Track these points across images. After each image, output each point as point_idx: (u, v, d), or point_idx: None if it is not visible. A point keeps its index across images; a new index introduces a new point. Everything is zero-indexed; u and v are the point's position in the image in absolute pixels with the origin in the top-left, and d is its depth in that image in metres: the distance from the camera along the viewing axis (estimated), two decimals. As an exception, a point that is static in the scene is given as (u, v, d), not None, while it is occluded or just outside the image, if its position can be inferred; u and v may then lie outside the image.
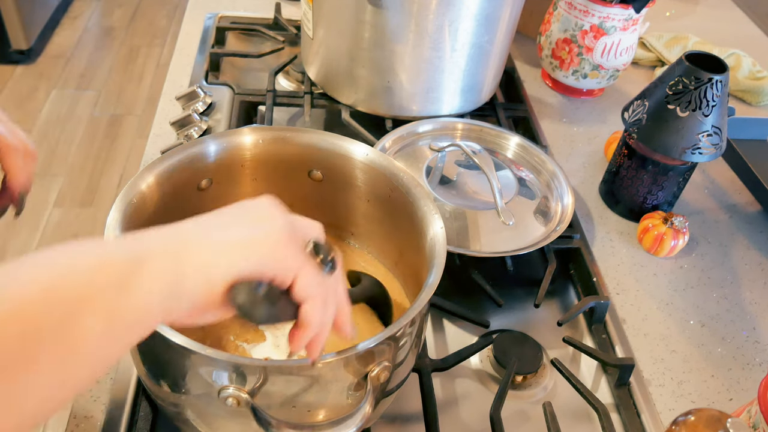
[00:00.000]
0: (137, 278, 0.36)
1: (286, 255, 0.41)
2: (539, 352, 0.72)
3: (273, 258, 0.41)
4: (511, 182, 0.84)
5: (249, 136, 0.65)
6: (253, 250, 0.41)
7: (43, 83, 2.65)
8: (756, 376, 0.74)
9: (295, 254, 0.42)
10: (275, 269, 0.41)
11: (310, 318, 0.43)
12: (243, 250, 0.40)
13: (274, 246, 0.41)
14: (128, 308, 0.35)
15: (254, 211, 0.43)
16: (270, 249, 0.41)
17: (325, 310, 0.44)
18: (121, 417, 0.61)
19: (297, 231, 0.44)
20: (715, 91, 0.79)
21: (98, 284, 0.35)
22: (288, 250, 0.42)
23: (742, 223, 0.94)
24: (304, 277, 0.42)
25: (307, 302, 0.43)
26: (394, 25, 0.86)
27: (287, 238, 0.42)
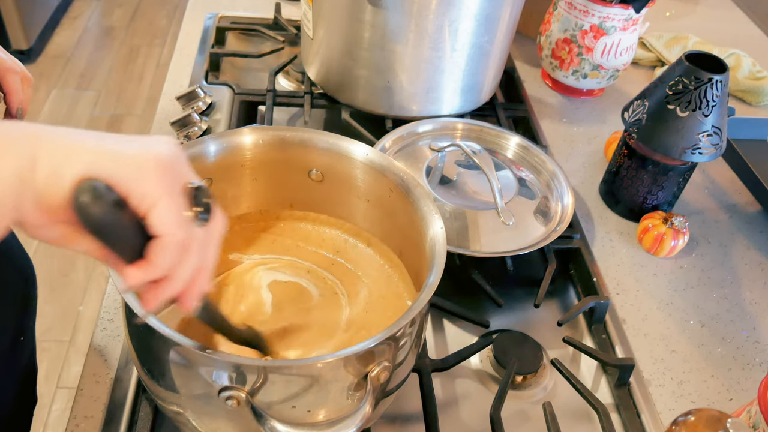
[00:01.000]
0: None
1: (150, 177, 0.37)
2: (539, 352, 0.72)
3: (133, 174, 0.37)
4: (511, 182, 0.84)
5: (249, 136, 0.65)
6: (115, 159, 0.37)
7: (43, 83, 2.65)
8: (756, 376, 0.74)
9: (162, 182, 0.38)
10: (131, 186, 0.37)
11: (155, 255, 0.38)
12: (104, 156, 0.37)
13: (141, 165, 0.37)
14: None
15: (147, 138, 0.40)
16: (135, 165, 0.37)
17: (181, 258, 0.39)
18: (121, 417, 0.61)
19: (179, 166, 0.40)
20: (715, 91, 0.79)
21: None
22: (156, 173, 0.38)
23: (742, 223, 0.94)
24: (164, 207, 0.38)
25: (160, 238, 0.38)
26: (394, 25, 0.86)
27: (162, 166, 0.38)
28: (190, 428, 0.54)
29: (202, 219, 0.41)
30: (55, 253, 2.00)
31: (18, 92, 0.71)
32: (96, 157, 0.37)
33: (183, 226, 0.39)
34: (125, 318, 0.55)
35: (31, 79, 0.73)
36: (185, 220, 0.39)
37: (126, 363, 0.66)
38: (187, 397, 0.51)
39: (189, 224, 0.40)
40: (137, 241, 0.38)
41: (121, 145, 0.38)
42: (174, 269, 0.40)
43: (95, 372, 0.65)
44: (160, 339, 0.48)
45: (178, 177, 0.40)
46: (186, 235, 0.39)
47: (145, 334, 0.51)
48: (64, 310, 1.87)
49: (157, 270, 0.39)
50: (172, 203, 0.38)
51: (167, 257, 0.39)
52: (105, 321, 0.70)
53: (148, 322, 0.47)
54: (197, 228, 0.40)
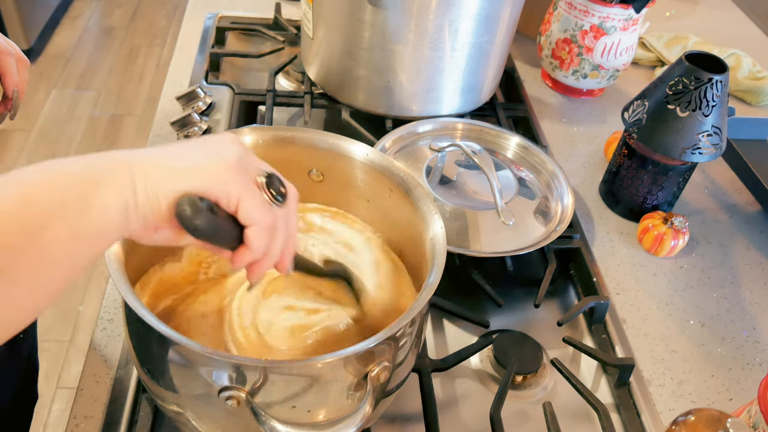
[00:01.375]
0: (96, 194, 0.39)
1: (230, 180, 0.44)
2: (539, 352, 0.72)
3: (215, 180, 0.43)
4: (511, 182, 0.84)
5: (249, 136, 0.65)
6: (196, 172, 0.43)
7: (43, 83, 2.65)
8: (756, 376, 0.74)
9: (240, 181, 0.44)
10: (218, 192, 0.43)
11: (251, 240, 0.46)
12: (186, 172, 0.43)
13: (220, 171, 0.44)
14: (89, 222, 0.39)
15: (209, 142, 0.46)
16: (215, 173, 0.43)
17: (272, 238, 0.47)
18: (121, 417, 0.61)
19: (248, 163, 0.46)
20: (715, 91, 0.79)
21: (64, 200, 0.38)
22: (233, 176, 0.44)
23: (742, 223, 0.94)
24: (248, 201, 0.44)
25: (251, 227, 0.45)
26: (394, 25, 0.86)
27: (235, 166, 0.44)
28: (190, 428, 0.54)
29: (279, 201, 0.47)
30: (55, 253, 2.00)
31: (14, 74, 0.72)
32: (181, 174, 0.43)
33: (266, 213, 0.46)
34: (125, 318, 0.55)
35: (27, 61, 0.75)
36: (267, 207, 0.46)
37: (126, 363, 0.66)
38: (187, 397, 0.51)
39: (270, 209, 0.46)
40: (234, 233, 0.46)
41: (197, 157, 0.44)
42: (269, 248, 0.47)
43: (95, 372, 0.65)
44: (160, 339, 0.48)
45: (250, 171, 0.46)
46: (271, 219, 0.46)
47: (145, 334, 0.51)
48: (64, 310, 1.87)
49: (255, 253, 0.46)
50: (252, 196, 0.45)
51: (262, 240, 0.46)
52: (105, 321, 0.70)
53: (146, 321, 0.47)
54: (277, 209, 0.47)
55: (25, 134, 2.35)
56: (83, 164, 0.40)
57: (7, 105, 0.74)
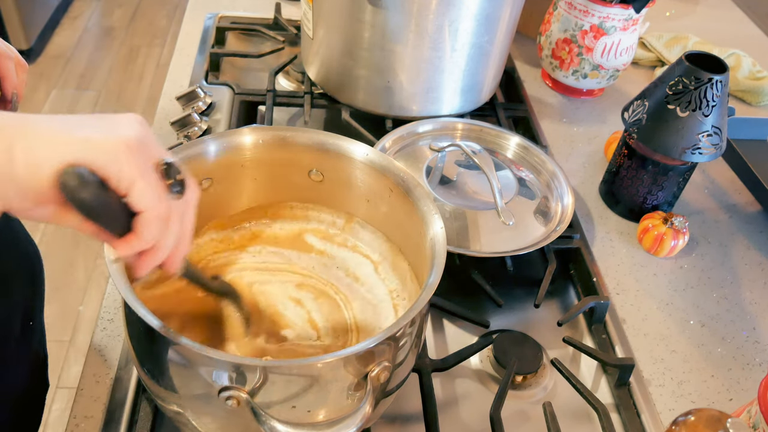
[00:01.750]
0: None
1: (125, 159, 0.40)
2: (539, 352, 0.72)
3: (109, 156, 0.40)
4: (511, 182, 0.84)
5: (249, 136, 0.65)
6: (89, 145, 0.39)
7: (43, 83, 2.65)
8: (756, 376, 0.74)
9: (136, 162, 0.41)
10: (109, 169, 0.40)
11: (141, 227, 0.42)
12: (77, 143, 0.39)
13: (115, 148, 0.40)
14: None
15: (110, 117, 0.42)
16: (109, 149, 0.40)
17: (164, 229, 0.44)
18: (121, 417, 0.61)
19: (148, 146, 0.43)
20: (715, 91, 0.79)
21: None
22: (130, 155, 0.40)
23: (742, 223, 0.94)
24: (142, 185, 0.41)
25: (143, 213, 0.42)
26: (394, 25, 0.86)
27: (133, 146, 0.41)
28: (190, 428, 0.54)
29: (176, 192, 0.44)
30: (55, 253, 2.00)
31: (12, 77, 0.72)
32: (70, 146, 0.39)
33: (161, 201, 0.42)
34: (125, 318, 0.55)
35: (26, 65, 0.74)
36: (162, 195, 0.43)
37: (126, 363, 0.66)
38: (187, 397, 0.51)
39: (166, 198, 0.43)
40: (123, 217, 0.42)
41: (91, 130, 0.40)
42: (159, 240, 0.44)
43: (95, 372, 0.65)
44: (160, 339, 0.48)
45: (149, 155, 0.43)
46: (165, 208, 0.43)
47: (145, 334, 0.51)
48: (64, 310, 1.87)
49: (143, 242, 0.43)
50: (148, 181, 0.41)
51: (152, 230, 0.43)
52: (105, 321, 0.70)
53: (146, 321, 0.47)
54: (174, 200, 0.44)
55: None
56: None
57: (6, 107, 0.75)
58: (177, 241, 0.46)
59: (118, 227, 0.42)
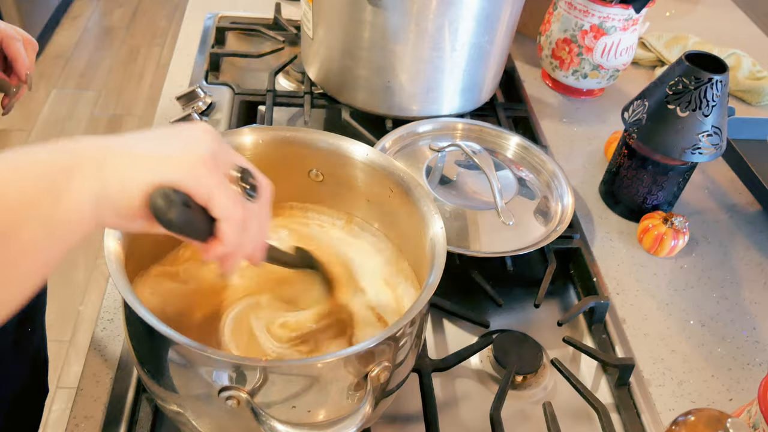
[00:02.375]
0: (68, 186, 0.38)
1: (202, 173, 0.43)
2: (539, 352, 0.72)
3: (188, 174, 0.42)
4: (511, 182, 0.84)
5: (249, 136, 0.65)
6: (170, 165, 0.42)
7: (43, 83, 2.65)
8: (756, 376, 0.74)
9: (213, 174, 0.44)
10: (190, 185, 0.42)
11: (223, 234, 0.45)
12: (159, 164, 0.42)
13: (193, 163, 0.43)
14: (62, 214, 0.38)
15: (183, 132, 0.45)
16: (187, 165, 0.43)
17: (244, 232, 0.46)
18: (121, 417, 0.61)
19: (222, 155, 0.45)
20: (715, 91, 0.79)
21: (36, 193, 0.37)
22: (205, 169, 0.43)
23: (742, 223, 0.94)
24: (220, 196, 0.44)
25: (223, 220, 0.45)
26: (394, 25, 0.86)
27: (208, 159, 0.43)
28: (190, 428, 0.54)
29: (251, 195, 0.47)
30: (55, 253, 2.00)
31: (23, 58, 0.73)
32: (155, 165, 0.42)
33: (238, 207, 0.45)
34: (125, 318, 0.55)
35: (35, 43, 0.75)
36: (239, 201, 0.46)
37: (126, 363, 0.66)
38: (187, 397, 0.51)
39: (242, 203, 0.46)
40: (207, 225, 0.45)
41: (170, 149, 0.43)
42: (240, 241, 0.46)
43: (95, 372, 0.65)
44: (160, 339, 0.48)
45: (224, 164, 0.45)
46: (242, 213, 0.46)
47: (145, 334, 0.51)
48: (64, 310, 1.87)
49: (227, 246, 0.46)
50: (224, 190, 0.44)
51: (233, 234, 0.45)
52: (105, 321, 0.70)
53: (146, 321, 0.47)
54: (249, 203, 0.47)
55: (25, 134, 2.35)
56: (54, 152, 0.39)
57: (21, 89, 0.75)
58: (256, 237, 0.48)
59: (202, 235, 0.45)
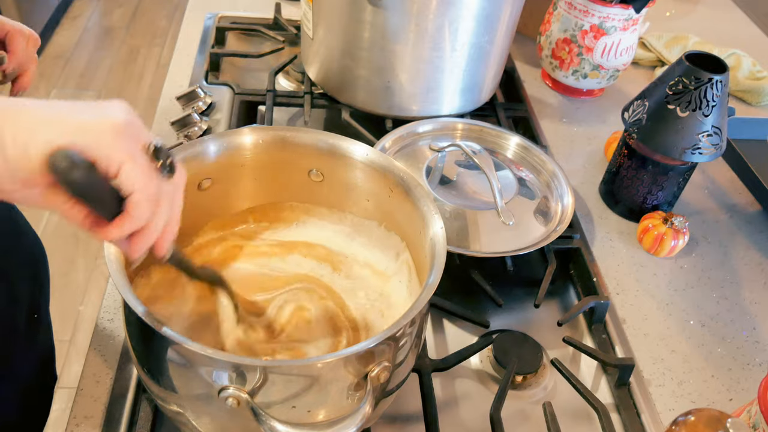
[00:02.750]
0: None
1: (113, 143, 0.40)
2: (539, 352, 0.72)
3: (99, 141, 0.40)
4: (511, 182, 0.84)
5: (249, 136, 0.65)
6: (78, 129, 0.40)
7: (43, 83, 2.65)
8: (756, 376, 0.74)
9: (125, 144, 0.41)
10: (99, 152, 0.40)
11: (133, 208, 0.42)
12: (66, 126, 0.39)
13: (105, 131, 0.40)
14: None
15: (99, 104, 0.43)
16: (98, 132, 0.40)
17: (156, 210, 0.44)
18: (121, 417, 0.61)
19: (136, 130, 0.43)
20: (715, 91, 0.79)
21: None
22: (118, 139, 0.41)
23: (742, 223, 0.94)
24: (131, 169, 0.41)
25: (136, 192, 0.42)
26: (394, 25, 0.86)
27: (122, 130, 0.41)
28: (190, 428, 0.54)
29: (167, 173, 0.44)
30: (55, 252, 2.00)
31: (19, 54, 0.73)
32: (59, 129, 0.39)
33: (151, 182, 0.43)
34: (125, 318, 0.55)
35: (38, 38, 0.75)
36: (152, 176, 0.43)
37: (126, 363, 0.66)
38: (187, 397, 0.51)
39: (156, 178, 0.43)
40: (113, 201, 0.42)
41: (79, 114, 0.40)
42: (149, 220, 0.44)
43: (95, 372, 0.65)
44: (160, 339, 0.48)
45: (137, 138, 0.43)
46: (155, 188, 0.43)
47: (145, 334, 0.51)
48: (64, 310, 1.86)
49: (134, 221, 0.43)
50: (137, 162, 0.42)
51: (142, 210, 0.43)
52: (105, 321, 0.70)
53: (146, 321, 0.47)
54: (163, 181, 0.44)
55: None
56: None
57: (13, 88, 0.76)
58: (167, 222, 0.46)
59: (107, 210, 0.43)
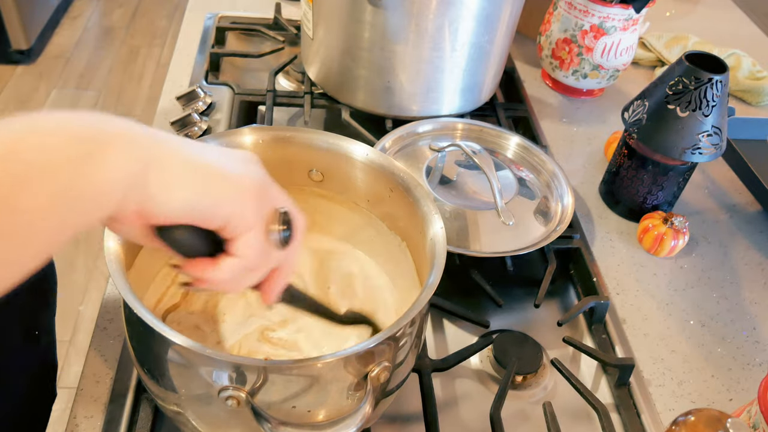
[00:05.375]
0: (105, 153, 0.33)
1: (245, 208, 0.39)
2: (539, 352, 0.72)
3: (231, 203, 0.38)
4: (511, 182, 0.84)
5: (249, 136, 0.65)
6: (217, 184, 0.38)
7: (43, 83, 2.65)
8: (756, 376, 0.74)
9: (256, 212, 0.39)
10: (226, 219, 0.38)
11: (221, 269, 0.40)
12: (207, 180, 0.37)
13: (241, 191, 0.39)
14: (89, 180, 0.33)
15: (238, 153, 0.41)
16: (234, 192, 0.38)
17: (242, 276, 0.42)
18: (121, 417, 0.61)
19: (270, 191, 0.41)
20: (715, 91, 0.79)
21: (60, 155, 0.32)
22: (251, 202, 0.39)
23: (742, 223, 0.94)
24: (250, 239, 0.40)
25: (233, 258, 0.40)
26: (394, 25, 0.86)
27: (257, 191, 0.39)
28: (190, 428, 0.54)
29: (282, 243, 0.43)
30: (55, 253, 2.00)
31: None
32: (204, 184, 0.37)
33: (259, 257, 0.41)
34: (125, 318, 0.55)
35: None
36: (263, 251, 0.41)
37: (126, 363, 0.66)
38: (187, 397, 0.51)
39: (267, 253, 0.41)
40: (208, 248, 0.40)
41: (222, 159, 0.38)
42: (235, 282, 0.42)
43: (95, 372, 0.65)
44: (160, 339, 0.48)
45: (269, 202, 0.41)
46: (259, 262, 0.41)
47: (145, 334, 0.51)
48: (64, 310, 1.86)
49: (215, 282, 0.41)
50: (255, 235, 0.40)
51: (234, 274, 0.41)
52: (105, 321, 0.70)
53: (146, 321, 0.47)
54: (275, 251, 0.42)
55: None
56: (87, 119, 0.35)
57: None
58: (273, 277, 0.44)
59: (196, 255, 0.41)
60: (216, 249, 0.41)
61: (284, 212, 0.42)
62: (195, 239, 0.39)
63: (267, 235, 0.41)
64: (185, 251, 0.40)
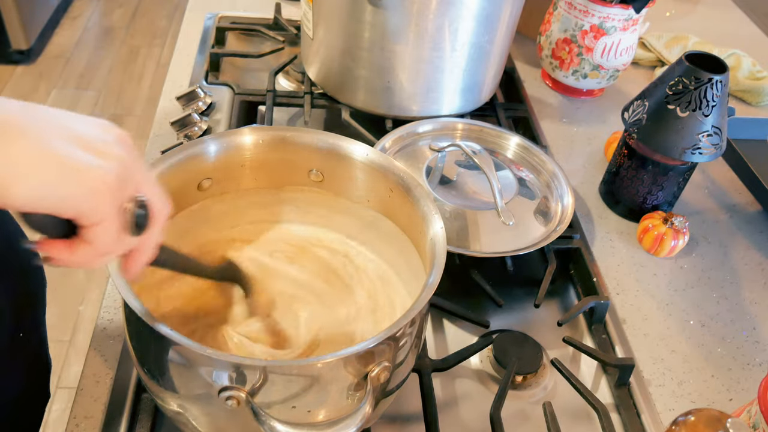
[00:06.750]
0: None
1: (98, 203, 0.39)
2: (539, 352, 0.72)
3: (84, 199, 0.39)
4: (511, 182, 0.84)
5: (249, 136, 0.65)
6: (70, 179, 0.38)
7: (43, 83, 2.65)
8: (756, 376, 0.74)
9: (107, 205, 0.40)
10: (77, 212, 0.39)
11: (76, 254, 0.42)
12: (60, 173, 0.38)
13: (94, 186, 0.39)
14: None
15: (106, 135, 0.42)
16: (87, 188, 0.39)
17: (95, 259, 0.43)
18: (121, 417, 0.61)
19: (130, 180, 0.42)
20: (715, 91, 0.79)
21: None
22: (104, 197, 0.40)
23: (742, 223, 0.94)
24: (102, 229, 0.41)
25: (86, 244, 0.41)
26: (394, 25, 0.86)
27: (113, 184, 0.40)
28: (190, 428, 0.54)
29: (136, 233, 0.44)
30: (55, 253, 2.00)
31: None
32: (58, 175, 0.37)
33: (112, 243, 0.42)
34: (125, 318, 0.55)
35: None
36: (117, 238, 0.42)
37: (126, 363, 0.66)
38: (187, 397, 0.51)
39: (120, 239, 0.43)
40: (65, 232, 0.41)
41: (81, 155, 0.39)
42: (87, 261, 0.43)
43: (95, 372, 0.65)
44: (160, 339, 0.48)
45: (126, 193, 0.42)
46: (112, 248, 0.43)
47: (145, 334, 0.51)
48: (64, 310, 1.87)
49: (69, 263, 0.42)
50: (108, 225, 0.41)
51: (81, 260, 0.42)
52: (105, 321, 0.70)
53: (146, 321, 0.47)
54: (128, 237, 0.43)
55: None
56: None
57: None
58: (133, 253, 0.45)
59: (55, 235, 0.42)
60: (73, 230, 0.42)
61: (141, 201, 0.44)
62: (51, 223, 0.40)
63: (121, 224, 0.42)
64: (42, 232, 0.41)
